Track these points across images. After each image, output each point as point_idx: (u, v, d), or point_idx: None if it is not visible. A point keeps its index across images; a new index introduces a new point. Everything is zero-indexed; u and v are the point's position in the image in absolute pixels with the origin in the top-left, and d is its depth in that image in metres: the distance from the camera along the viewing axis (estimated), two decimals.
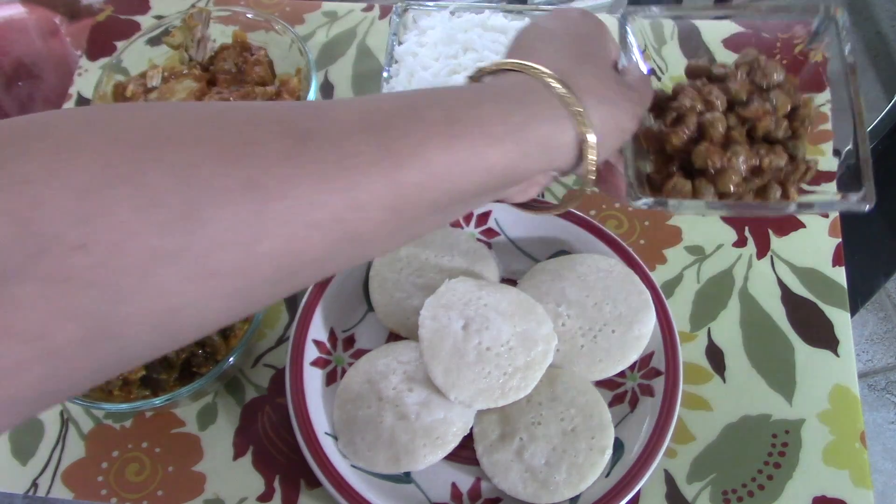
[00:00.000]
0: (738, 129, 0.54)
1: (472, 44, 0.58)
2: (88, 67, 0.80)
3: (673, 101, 0.57)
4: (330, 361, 0.61)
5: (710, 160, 0.52)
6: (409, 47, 0.61)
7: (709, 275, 0.64)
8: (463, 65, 0.57)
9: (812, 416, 0.58)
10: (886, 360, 1.43)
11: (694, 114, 0.55)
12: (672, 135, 0.54)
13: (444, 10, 0.64)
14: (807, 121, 0.55)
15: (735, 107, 0.55)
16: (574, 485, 0.53)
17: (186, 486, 0.58)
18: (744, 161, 0.51)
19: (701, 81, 0.58)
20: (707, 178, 0.53)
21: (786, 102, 0.55)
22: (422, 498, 0.55)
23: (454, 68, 0.58)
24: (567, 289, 0.60)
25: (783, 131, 0.54)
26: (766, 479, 0.56)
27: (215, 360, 0.57)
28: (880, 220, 0.98)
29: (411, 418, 0.55)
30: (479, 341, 0.56)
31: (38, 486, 0.58)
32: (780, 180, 0.54)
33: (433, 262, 0.62)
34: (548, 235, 0.64)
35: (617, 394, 0.59)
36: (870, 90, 1.73)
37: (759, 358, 0.60)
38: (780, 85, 0.56)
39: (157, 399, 0.54)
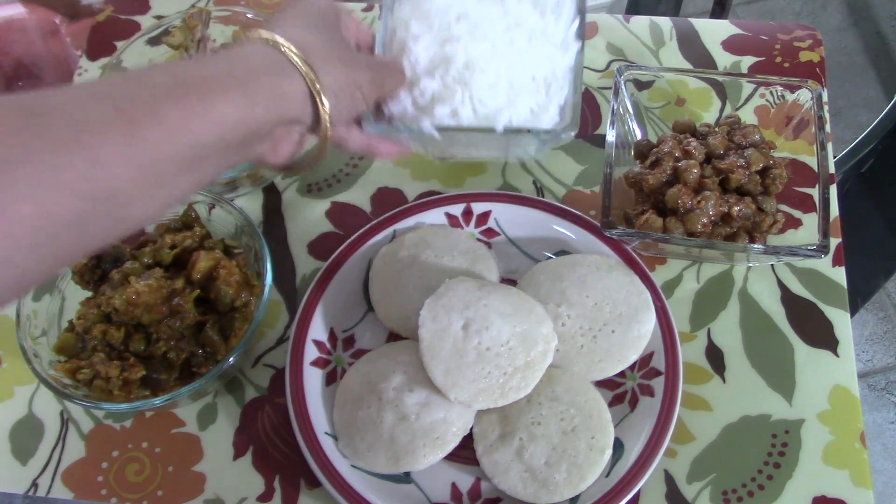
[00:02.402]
0: (711, 178, 0.61)
1: (466, 13, 0.57)
2: (88, 67, 0.80)
3: (655, 147, 0.63)
4: (330, 361, 0.61)
5: (680, 200, 0.59)
6: (400, 18, 0.59)
7: (708, 275, 0.64)
8: (455, 35, 0.56)
9: (812, 417, 0.58)
10: (886, 360, 1.43)
11: (671, 158, 0.61)
12: (650, 175, 0.61)
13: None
14: (778, 179, 0.61)
15: (712, 160, 0.62)
16: (574, 485, 0.53)
17: (186, 486, 0.58)
18: (713, 206, 0.58)
19: (685, 136, 0.64)
20: (677, 218, 0.59)
21: (759, 160, 0.61)
22: (422, 498, 0.55)
23: (446, 38, 0.56)
24: (567, 289, 0.60)
25: (754, 185, 0.60)
26: (766, 479, 0.56)
27: (215, 360, 0.57)
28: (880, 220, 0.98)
29: (411, 418, 0.55)
30: (478, 341, 0.56)
31: (38, 486, 0.58)
32: (748, 229, 0.61)
33: (433, 262, 0.62)
34: (548, 235, 0.64)
35: (617, 394, 0.59)
36: (870, 90, 1.73)
37: (759, 358, 0.60)
38: (756, 145, 0.62)
39: (157, 399, 0.54)
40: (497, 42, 0.56)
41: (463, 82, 0.55)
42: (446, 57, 0.55)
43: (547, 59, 0.57)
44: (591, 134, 0.72)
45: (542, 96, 0.57)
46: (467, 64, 0.55)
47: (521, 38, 0.57)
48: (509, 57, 0.56)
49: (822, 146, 0.60)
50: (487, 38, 0.56)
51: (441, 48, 0.56)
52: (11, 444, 0.60)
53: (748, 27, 0.78)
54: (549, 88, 0.57)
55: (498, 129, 0.54)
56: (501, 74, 0.56)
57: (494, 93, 0.55)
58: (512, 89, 0.56)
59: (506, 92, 0.56)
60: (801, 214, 0.61)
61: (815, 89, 0.63)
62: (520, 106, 0.56)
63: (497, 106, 0.55)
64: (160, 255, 0.60)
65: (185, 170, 0.39)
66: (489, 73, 0.55)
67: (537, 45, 0.57)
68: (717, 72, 0.74)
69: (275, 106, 0.43)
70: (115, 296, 0.56)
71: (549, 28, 0.58)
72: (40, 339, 0.58)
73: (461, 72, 0.55)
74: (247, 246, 0.62)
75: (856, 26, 1.82)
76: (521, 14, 0.58)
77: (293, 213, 0.69)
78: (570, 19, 0.59)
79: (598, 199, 0.68)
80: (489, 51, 0.56)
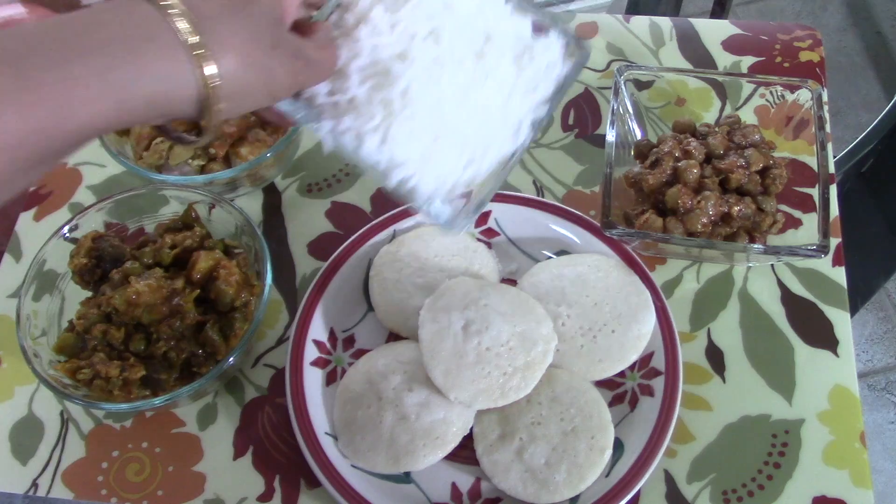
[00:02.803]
0: (711, 178, 0.60)
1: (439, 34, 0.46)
2: None
3: (655, 147, 0.64)
4: (330, 361, 0.61)
5: (680, 200, 0.59)
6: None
7: (708, 275, 0.64)
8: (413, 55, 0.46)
9: (812, 417, 0.58)
10: (886, 360, 1.43)
11: (671, 158, 0.61)
12: (650, 175, 0.61)
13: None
14: (778, 179, 0.61)
15: (712, 160, 0.62)
16: (574, 485, 0.53)
17: (186, 486, 0.58)
18: (713, 206, 0.58)
19: (685, 136, 0.64)
20: (677, 218, 0.59)
21: (759, 160, 0.61)
22: (422, 498, 0.55)
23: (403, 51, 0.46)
24: (567, 289, 0.60)
25: (754, 185, 0.60)
26: (766, 479, 0.56)
27: (215, 360, 0.57)
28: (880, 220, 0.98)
29: (411, 418, 0.55)
30: (478, 342, 0.56)
31: (38, 486, 0.58)
32: (747, 229, 0.61)
33: (433, 262, 0.62)
34: (548, 235, 0.64)
35: (617, 394, 0.59)
36: (870, 90, 1.73)
37: (759, 358, 0.60)
38: (756, 145, 0.62)
39: (157, 399, 0.54)
40: (449, 91, 0.45)
41: (388, 111, 0.44)
42: (390, 73, 0.44)
43: (490, 136, 0.47)
44: (591, 134, 0.72)
45: (456, 174, 0.47)
46: (405, 94, 0.44)
47: (477, 99, 0.46)
48: (453, 116, 0.46)
49: (822, 146, 0.60)
50: (442, 82, 0.45)
51: (390, 59, 0.45)
52: (11, 444, 0.60)
53: (748, 27, 0.78)
54: (467, 169, 0.47)
55: (387, 184, 0.45)
56: (429, 129, 0.45)
57: (410, 144, 0.45)
58: (431, 150, 0.46)
59: (422, 150, 0.45)
60: (801, 214, 0.61)
61: (815, 89, 0.63)
62: (428, 173, 0.46)
63: (404, 158, 0.45)
64: (160, 255, 0.60)
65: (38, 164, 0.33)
66: (418, 120, 0.45)
67: (489, 115, 0.47)
68: (717, 72, 0.74)
69: (157, 111, 0.35)
70: (115, 296, 0.56)
71: (511, 105, 0.47)
72: (40, 339, 0.58)
73: (393, 98, 0.44)
74: (247, 246, 0.62)
75: (856, 26, 1.82)
76: (495, 71, 0.47)
77: (293, 213, 0.69)
78: (537, 104, 0.48)
79: (598, 199, 0.68)
80: (435, 99, 0.45)
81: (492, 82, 0.46)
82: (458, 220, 0.47)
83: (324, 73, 0.44)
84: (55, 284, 0.60)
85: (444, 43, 0.45)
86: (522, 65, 0.47)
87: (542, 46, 0.48)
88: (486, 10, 0.47)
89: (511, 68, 0.47)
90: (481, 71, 0.46)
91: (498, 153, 0.48)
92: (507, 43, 0.47)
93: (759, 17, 1.85)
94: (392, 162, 0.45)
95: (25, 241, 0.70)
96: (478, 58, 0.46)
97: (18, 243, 0.70)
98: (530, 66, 0.48)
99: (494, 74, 0.46)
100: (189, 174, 0.65)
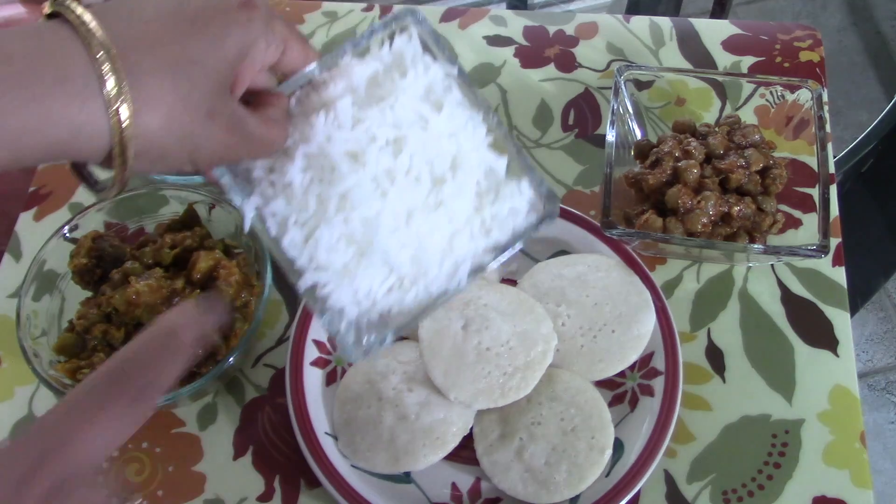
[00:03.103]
0: (711, 178, 0.61)
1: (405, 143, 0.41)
2: None
3: (655, 147, 0.64)
4: (330, 361, 0.61)
5: (680, 200, 0.59)
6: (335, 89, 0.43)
7: (708, 275, 0.64)
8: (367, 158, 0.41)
9: (812, 417, 0.58)
10: (886, 360, 1.43)
11: (671, 158, 0.61)
12: (650, 175, 0.61)
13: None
14: (778, 179, 0.61)
15: (712, 160, 0.62)
16: (574, 485, 0.53)
17: (186, 486, 0.58)
18: (713, 206, 0.57)
19: (685, 136, 0.64)
20: (677, 218, 0.59)
21: (759, 160, 0.61)
22: (422, 498, 0.55)
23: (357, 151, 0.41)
24: (567, 288, 0.60)
25: (754, 185, 0.60)
26: (766, 479, 0.56)
27: (215, 360, 0.57)
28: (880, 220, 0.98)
29: (411, 418, 0.55)
30: (478, 341, 0.56)
31: None
32: (747, 229, 0.61)
33: None
34: (548, 235, 0.64)
35: (617, 394, 0.59)
36: (870, 90, 1.73)
37: (758, 358, 0.60)
38: (756, 145, 0.63)
39: None
40: (392, 209, 0.41)
41: (322, 208, 0.41)
42: (336, 170, 0.40)
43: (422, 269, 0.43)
44: (591, 134, 0.72)
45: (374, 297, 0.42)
46: (344, 197, 0.40)
47: (421, 227, 0.42)
48: (389, 237, 0.41)
49: (822, 146, 0.60)
50: (388, 197, 0.41)
51: (341, 157, 0.40)
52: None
53: (748, 27, 0.78)
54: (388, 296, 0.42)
55: (299, 287, 0.41)
56: (359, 243, 0.41)
57: (335, 251, 0.41)
58: (355, 265, 0.42)
59: (346, 261, 0.41)
60: (801, 214, 0.61)
61: (815, 89, 0.63)
62: (345, 287, 0.41)
63: (325, 264, 0.41)
64: (160, 255, 0.60)
65: None
66: (350, 229, 0.41)
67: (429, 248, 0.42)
68: (717, 72, 0.74)
69: (59, 156, 0.31)
70: (115, 296, 0.56)
71: (456, 244, 0.43)
72: (40, 339, 0.58)
73: (330, 198, 0.40)
74: (247, 246, 0.62)
75: (856, 26, 1.83)
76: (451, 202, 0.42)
77: None
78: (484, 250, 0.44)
79: (598, 199, 0.68)
80: (374, 213, 0.41)
81: (443, 213, 0.42)
82: (359, 351, 0.42)
83: (263, 151, 0.39)
84: (55, 284, 0.60)
85: (404, 156, 0.41)
86: (483, 203, 0.43)
87: (511, 190, 0.43)
88: (461, 136, 0.42)
89: (470, 203, 0.43)
90: (435, 198, 0.42)
91: (426, 290, 0.43)
92: (474, 175, 0.43)
93: (759, 17, 1.85)
94: (311, 263, 0.41)
95: (25, 241, 0.70)
96: (436, 183, 0.42)
97: (18, 243, 0.70)
98: (491, 207, 0.43)
99: (449, 205, 0.42)
100: (189, 174, 0.65)
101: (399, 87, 0.41)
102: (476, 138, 0.43)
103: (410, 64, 0.42)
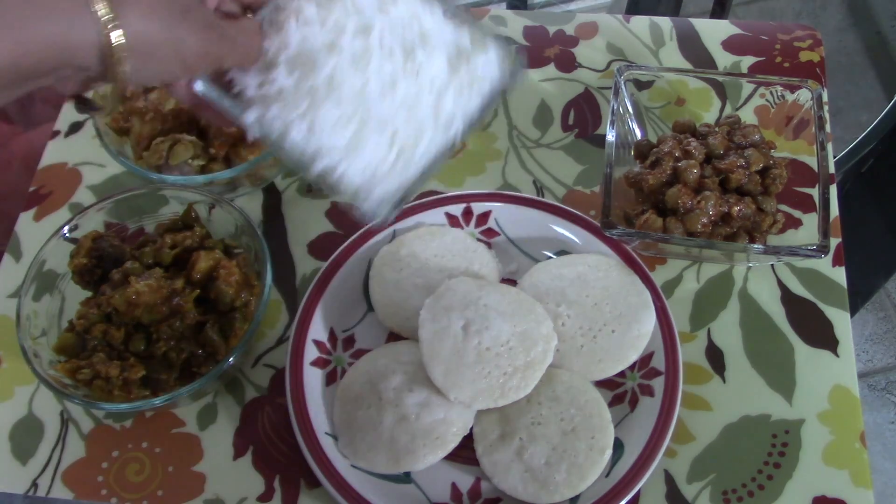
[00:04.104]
0: (711, 178, 0.61)
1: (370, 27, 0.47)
2: None
3: (655, 147, 0.64)
4: (330, 361, 0.61)
5: (680, 200, 0.59)
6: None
7: (708, 275, 0.64)
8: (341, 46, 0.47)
9: (812, 416, 0.58)
10: (886, 360, 1.43)
11: (671, 158, 0.61)
12: (650, 175, 0.61)
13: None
14: (778, 179, 0.61)
15: (712, 160, 0.62)
16: (574, 485, 0.53)
17: (186, 486, 0.58)
18: (713, 206, 0.58)
19: (685, 136, 0.64)
20: (677, 218, 0.59)
21: (759, 160, 0.61)
22: (422, 498, 0.55)
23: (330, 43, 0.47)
24: (567, 288, 0.60)
25: (754, 185, 0.60)
26: (766, 479, 0.56)
27: (215, 360, 0.57)
28: (880, 220, 0.98)
29: (411, 418, 0.55)
30: (478, 341, 0.56)
31: (38, 486, 0.58)
32: (747, 229, 0.61)
33: (433, 262, 0.62)
34: (548, 235, 0.64)
35: (617, 394, 0.59)
36: (870, 90, 1.73)
37: (758, 358, 0.60)
38: (756, 145, 0.63)
39: (157, 399, 0.54)
40: (375, 80, 0.46)
41: (313, 100, 0.46)
42: (315, 62, 0.46)
43: (420, 128, 0.48)
44: (591, 134, 0.72)
45: (387, 164, 0.48)
46: (330, 81, 0.46)
47: (407, 90, 0.47)
48: (379, 105, 0.47)
49: (822, 146, 0.60)
50: (368, 71, 0.46)
51: (318, 49, 0.46)
52: (11, 444, 0.60)
53: (748, 27, 0.78)
54: (398, 160, 0.48)
55: (312, 173, 0.47)
56: (354, 117, 0.46)
57: (336, 131, 0.46)
58: (358, 138, 0.47)
59: (348, 137, 0.47)
60: (801, 214, 0.61)
61: (815, 89, 0.63)
62: (356, 162, 0.47)
63: (330, 146, 0.46)
64: (160, 255, 0.60)
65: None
66: (344, 107, 0.46)
67: (419, 108, 0.48)
68: (717, 72, 0.74)
69: (57, 56, 0.37)
70: (115, 296, 0.56)
71: (443, 102, 0.48)
72: (40, 339, 0.58)
73: (318, 86, 0.46)
74: (247, 246, 0.62)
75: (856, 26, 1.82)
76: (427, 68, 0.48)
77: (293, 213, 0.69)
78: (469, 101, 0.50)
79: (598, 199, 0.68)
80: (360, 86, 0.46)
81: (424, 78, 0.48)
82: (382, 208, 0.48)
83: (243, 54, 0.45)
84: (55, 284, 0.60)
85: (374, 36, 0.47)
86: (457, 67, 0.49)
87: (479, 53, 0.50)
88: (422, 17, 0.48)
89: (444, 67, 0.48)
90: (411, 66, 0.47)
91: (429, 146, 0.49)
92: (441, 45, 0.48)
93: (759, 17, 1.85)
94: (318, 151, 0.47)
95: (25, 241, 0.70)
96: (407, 52, 0.47)
97: (18, 243, 0.70)
98: (464, 69, 0.49)
99: (426, 71, 0.48)
100: (189, 174, 0.65)
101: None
102: (435, 18, 0.49)
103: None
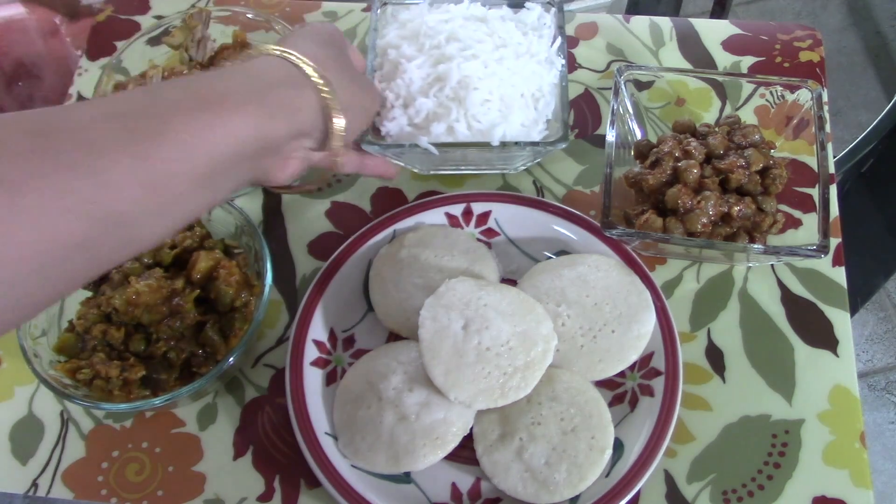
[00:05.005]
0: (711, 178, 0.61)
1: (455, 34, 0.61)
2: (88, 67, 0.80)
3: (655, 147, 0.64)
4: (330, 361, 0.61)
5: (680, 200, 0.59)
6: (390, 41, 0.62)
7: (708, 275, 0.64)
8: (447, 55, 0.59)
9: (812, 417, 0.58)
10: (886, 360, 1.43)
11: (671, 158, 0.61)
12: (650, 175, 0.61)
13: (422, 2, 0.65)
14: (778, 179, 0.61)
15: (712, 160, 0.62)
16: (574, 485, 0.53)
17: (186, 486, 0.58)
18: (713, 206, 0.58)
19: (685, 136, 0.64)
20: (677, 218, 0.59)
21: (759, 160, 0.61)
22: (422, 498, 0.55)
23: (438, 58, 0.59)
24: (567, 289, 0.60)
25: (754, 185, 0.60)
26: (766, 479, 0.56)
27: (215, 360, 0.57)
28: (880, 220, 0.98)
29: (411, 418, 0.55)
30: (478, 341, 0.56)
31: (38, 486, 0.58)
32: (747, 229, 0.61)
33: (433, 262, 0.62)
34: (548, 235, 0.64)
35: (617, 394, 0.59)
36: (870, 90, 1.73)
37: (758, 358, 0.60)
38: (756, 145, 0.63)
39: (157, 399, 0.54)
40: (487, 60, 0.60)
41: (457, 100, 0.58)
42: (440, 76, 0.59)
43: (534, 76, 0.61)
44: (591, 134, 0.72)
45: (532, 111, 0.60)
46: (461, 82, 0.58)
47: (508, 56, 0.60)
48: (500, 75, 0.59)
49: (822, 146, 0.60)
50: (478, 57, 0.59)
51: (434, 67, 0.59)
52: (11, 444, 0.60)
53: (748, 27, 0.78)
54: (538, 103, 0.61)
55: (493, 144, 0.57)
56: (493, 91, 0.59)
57: (487, 109, 0.59)
58: (504, 105, 0.59)
59: (498, 108, 0.59)
60: (801, 214, 0.61)
61: (815, 89, 0.63)
62: (512, 121, 0.59)
63: (491, 121, 0.59)
64: (160, 255, 0.60)
65: (199, 186, 0.38)
66: (482, 91, 0.58)
67: (524, 62, 0.61)
68: (717, 72, 0.74)
69: (290, 119, 0.44)
70: (115, 296, 0.56)
71: (534, 46, 0.62)
72: (40, 339, 0.58)
73: (455, 89, 0.58)
74: (247, 246, 0.62)
75: (856, 26, 1.82)
76: (507, 33, 0.62)
77: (293, 213, 0.69)
78: (551, 38, 0.63)
79: (598, 199, 0.68)
80: (480, 69, 0.59)
81: (509, 40, 0.61)
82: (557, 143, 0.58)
83: (381, 100, 0.60)
84: None
85: (461, 35, 0.61)
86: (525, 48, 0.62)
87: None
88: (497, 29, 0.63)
89: (515, 27, 0.63)
90: (498, 39, 0.61)
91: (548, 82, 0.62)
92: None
93: (759, 17, 1.85)
94: (483, 132, 0.59)
95: None
96: (490, 33, 0.61)
97: None
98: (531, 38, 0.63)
99: (507, 34, 0.62)
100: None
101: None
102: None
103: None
